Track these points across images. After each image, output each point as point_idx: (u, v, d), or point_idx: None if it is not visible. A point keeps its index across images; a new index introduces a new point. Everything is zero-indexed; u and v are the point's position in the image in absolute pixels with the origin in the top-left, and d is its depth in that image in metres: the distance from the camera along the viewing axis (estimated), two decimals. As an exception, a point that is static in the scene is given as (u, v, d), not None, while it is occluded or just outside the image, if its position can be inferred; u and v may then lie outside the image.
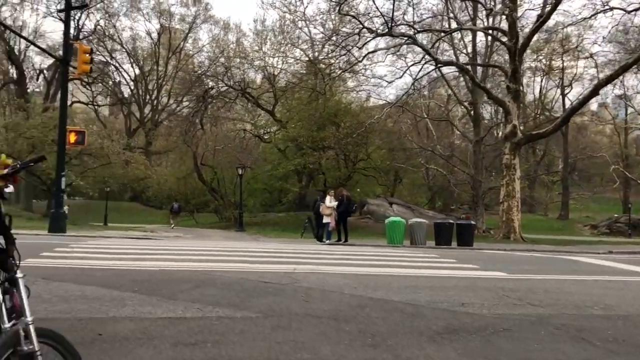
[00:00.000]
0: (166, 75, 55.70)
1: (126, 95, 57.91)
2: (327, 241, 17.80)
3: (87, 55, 16.70)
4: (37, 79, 52.01)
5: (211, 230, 31.28)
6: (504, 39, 27.44)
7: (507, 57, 32.34)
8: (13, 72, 48.43)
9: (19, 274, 2.76)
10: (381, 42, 31.35)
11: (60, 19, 43.81)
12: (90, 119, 49.96)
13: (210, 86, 41.21)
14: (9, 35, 44.87)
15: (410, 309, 6.35)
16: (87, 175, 37.83)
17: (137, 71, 55.95)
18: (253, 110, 45.72)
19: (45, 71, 50.26)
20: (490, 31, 31.33)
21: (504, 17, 28.74)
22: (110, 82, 55.33)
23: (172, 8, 55.11)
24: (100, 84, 53.12)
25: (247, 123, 46.28)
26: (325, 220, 17.76)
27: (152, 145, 55.47)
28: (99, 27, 48.12)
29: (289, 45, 40.28)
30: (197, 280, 7.60)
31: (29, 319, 2.68)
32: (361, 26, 25.51)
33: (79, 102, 51.00)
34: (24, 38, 29.53)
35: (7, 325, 2.70)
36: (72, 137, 17.45)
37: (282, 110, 40.78)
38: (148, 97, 57.16)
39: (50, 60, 47.88)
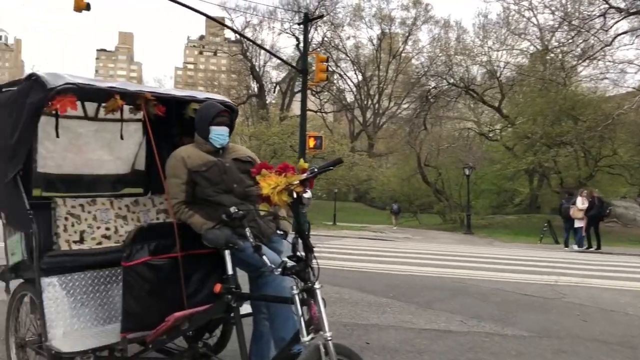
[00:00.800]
0: (387, 79, 56.80)
1: (349, 101, 60.49)
2: (577, 247, 15.88)
3: (324, 64, 17.60)
4: (274, 91, 57.29)
5: (436, 232, 30.69)
6: None
7: None
8: (254, 86, 54.13)
9: (316, 285, 2.59)
10: (623, 23, 27.20)
11: (293, 35, 47.64)
12: (318, 126, 53.24)
13: (432, 86, 40.70)
14: (251, 53, 50.29)
15: None
16: (319, 177, 40.18)
17: (360, 77, 58.07)
18: (476, 107, 43.98)
19: (279, 84, 55.17)
20: None
21: None
22: (335, 89, 58.34)
23: (393, 13, 55.95)
24: (326, 92, 56.33)
25: (468, 121, 44.70)
26: (577, 224, 15.86)
27: (373, 148, 57.07)
28: (325, 38, 51.16)
29: (515, 36, 37.77)
30: (449, 289, 7.16)
31: (328, 334, 2.49)
32: (607, 6, 22.50)
33: (309, 110, 54.72)
34: (270, 52, 32.62)
35: (306, 338, 2.55)
36: (311, 142, 18.54)
37: (509, 106, 38.36)
38: (370, 101, 58.94)
39: (284, 74, 52.38)
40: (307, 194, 2.63)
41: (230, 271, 2.93)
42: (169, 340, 3.12)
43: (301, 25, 29.91)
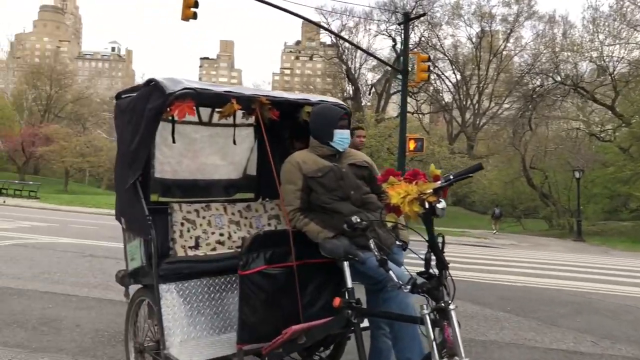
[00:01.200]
0: (487, 78, 54.81)
1: (447, 102, 59.04)
2: None
3: (424, 63, 17.13)
4: (369, 94, 57.09)
5: (542, 238, 29.04)
6: None
7: None
8: (349, 89, 54.23)
9: (451, 306, 2.32)
10: None
11: (389, 36, 47.25)
12: (414, 127, 52.36)
13: (537, 84, 38.65)
14: (346, 56, 50.44)
15: None
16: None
17: (459, 77, 56.49)
18: (585, 106, 41.26)
19: (375, 86, 54.90)
20: None
21: None
22: (432, 89, 57.18)
23: (493, 10, 53.83)
24: (423, 93, 55.34)
25: (577, 121, 42.01)
26: None
27: (473, 150, 55.20)
28: (422, 38, 50.22)
29: (630, 29, 34.97)
30: (572, 303, 6.56)
31: (465, 360, 2.21)
32: None
33: (407, 112, 53.96)
34: (368, 53, 32.40)
35: (439, 363, 2.28)
36: (411, 145, 18.13)
37: (624, 104, 35.58)
38: (469, 101, 57.15)
39: (379, 76, 52.02)
40: (441, 204, 2.35)
41: (349, 284, 2.72)
42: (285, 354, 2.97)
43: (398, 26, 29.44)
